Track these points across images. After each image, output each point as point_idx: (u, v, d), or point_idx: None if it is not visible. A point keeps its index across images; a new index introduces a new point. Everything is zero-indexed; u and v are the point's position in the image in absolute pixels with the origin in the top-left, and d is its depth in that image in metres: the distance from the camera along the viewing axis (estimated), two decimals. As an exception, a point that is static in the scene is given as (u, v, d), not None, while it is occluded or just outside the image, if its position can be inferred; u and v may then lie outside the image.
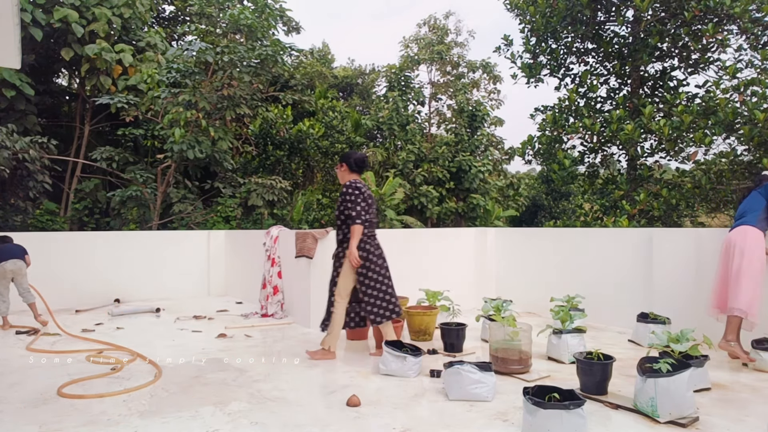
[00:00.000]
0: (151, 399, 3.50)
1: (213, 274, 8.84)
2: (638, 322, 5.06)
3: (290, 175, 16.55)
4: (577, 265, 6.42)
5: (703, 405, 3.30)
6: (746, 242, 4.28)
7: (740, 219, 4.49)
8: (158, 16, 18.16)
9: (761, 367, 4.12)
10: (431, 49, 21.40)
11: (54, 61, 13.97)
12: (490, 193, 19.60)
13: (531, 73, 11.20)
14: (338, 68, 25.34)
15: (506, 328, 4.06)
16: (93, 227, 13.44)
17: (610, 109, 10.91)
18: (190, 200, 13.72)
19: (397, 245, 6.75)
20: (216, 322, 6.40)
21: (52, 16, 12.20)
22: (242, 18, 12.59)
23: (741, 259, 4.25)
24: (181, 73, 12.44)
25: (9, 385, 3.85)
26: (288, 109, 16.47)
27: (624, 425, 3.02)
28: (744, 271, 4.22)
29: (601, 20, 10.91)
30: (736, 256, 4.29)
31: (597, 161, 11.41)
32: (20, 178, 11.69)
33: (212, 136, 12.74)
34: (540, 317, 6.41)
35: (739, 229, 4.41)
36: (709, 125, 8.65)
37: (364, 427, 3.02)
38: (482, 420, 3.12)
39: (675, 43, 10.14)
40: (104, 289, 7.80)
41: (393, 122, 18.95)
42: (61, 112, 15.50)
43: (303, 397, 3.56)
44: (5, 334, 5.71)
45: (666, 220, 9.77)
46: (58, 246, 7.64)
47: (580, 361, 3.54)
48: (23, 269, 5.99)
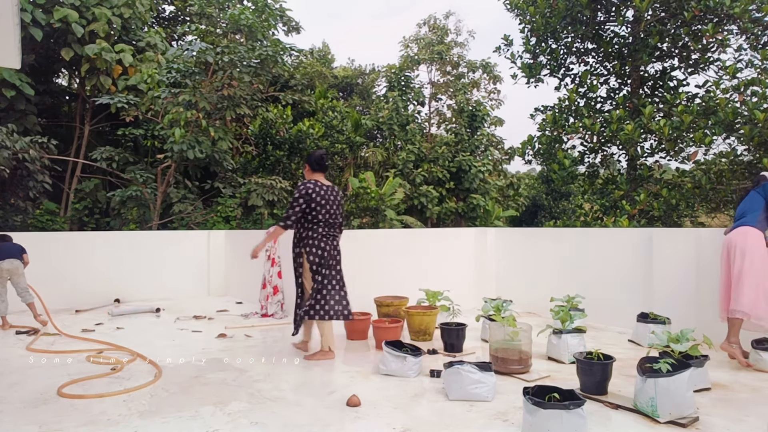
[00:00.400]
0: (151, 399, 3.50)
1: (213, 274, 8.84)
2: (638, 322, 5.06)
3: (290, 175, 16.55)
4: (577, 265, 6.41)
5: (703, 405, 3.30)
6: (747, 243, 4.27)
7: (740, 219, 4.48)
8: (158, 16, 18.17)
9: (761, 367, 4.11)
10: (431, 49, 21.41)
11: (54, 61, 13.98)
12: (490, 193, 19.60)
13: (531, 73, 11.20)
14: (338, 68, 25.35)
15: (506, 328, 4.06)
16: (93, 227, 13.44)
17: (610, 109, 10.91)
18: (190, 200, 13.72)
19: (397, 245, 6.76)
20: (216, 322, 6.40)
21: (52, 16, 12.20)
22: (242, 18, 12.59)
23: (742, 261, 4.24)
24: (181, 73, 12.44)
25: (9, 385, 3.85)
26: (288, 109, 16.48)
27: (624, 425, 3.02)
28: (746, 273, 4.20)
29: (600, 20, 10.91)
30: (737, 258, 4.27)
31: (597, 161, 11.41)
32: (20, 178, 11.69)
33: (212, 136, 12.74)
34: (540, 317, 6.41)
35: (739, 229, 4.40)
36: (709, 125, 8.65)
37: (364, 427, 3.02)
38: (482, 420, 3.12)
39: (675, 43, 10.14)
40: (104, 289, 7.80)
41: (393, 122, 18.96)
42: (61, 112, 15.51)
43: (303, 397, 3.56)
44: (5, 334, 5.71)
45: (666, 220, 9.77)
46: (58, 246, 7.65)
47: (580, 361, 3.54)
48: (20, 269, 5.96)
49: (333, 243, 4.59)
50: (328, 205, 4.49)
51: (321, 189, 4.48)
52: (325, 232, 4.51)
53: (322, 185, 4.52)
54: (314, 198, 4.43)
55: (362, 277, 6.25)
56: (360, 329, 5.34)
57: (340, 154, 18.30)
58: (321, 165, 4.60)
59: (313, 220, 4.47)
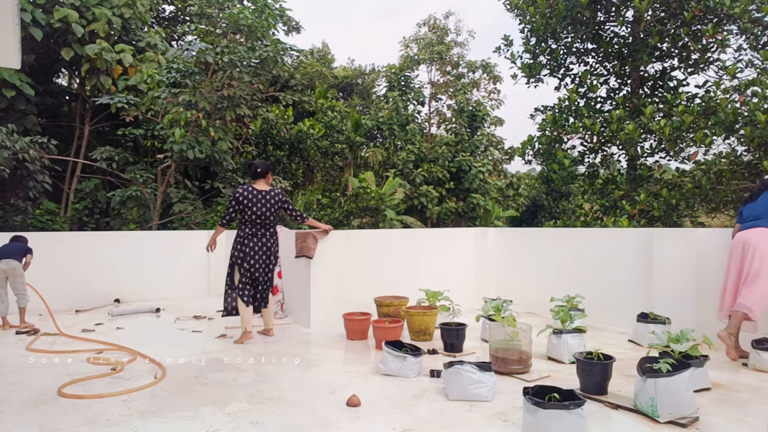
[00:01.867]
0: (151, 399, 3.50)
1: (213, 274, 8.84)
2: (638, 322, 5.06)
3: (290, 176, 16.56)
4: (577, 265, 6.41)
5: (703, 405, 3.30)
6: (766, 245, 4.28)
7: (756, 220, 4.46)
8: (158, 16, 18.16)
9: (761, 367, 4.12)
10: (431, 49, 21.41)
11: (54, 61, 13.97)
12: (490, 193, 19.60)
13: (531, 73, 11.21)
14: (338, 68, 25.34)
15: (506, 328, 4.06)
16: (93, 227, 13.43)
17: (610, 109, 10.91)
18: (190, 200, 13.71)
19: (397, 245, 6.76)
20: (216, 322, 6.40)
21: (52, 16, 12.20)
22: (242, 18, 12.58)
23: (761, 262, 4.25)
24: (181, 73, 12.44)
25: (9, 385, 3.85)
26: (290, 110, 16.48)
27: (624, 425, 3.02)
28: (765, 274, 4.22)
29: (600, 20, 10.91)
30: (755, 258, 4.28)
31: (597, 161, 11.42)
32: (20, 178, 11.68)
33: (212, 137, 12.74)
34: (540, 317, 6.41)
35: (757, 230, 4.39)
36: (709, 125, 8.65)
37: (364, 427, 3.02)
38: (482, 420, 3.12)
39: (675, 43, 10.15)
40: (104, 289, 7.80)
41: (393, 122, 18.96)
42: (61, 112, 15.50)
43: (303, 397, 3.56)
44: (5, 334, 5.71)
45: (666, 220, 9.77)
46: (58, 246, 7.64)
47: (580, 361, 3.54)
48: (17, 269, 5.90)
49: (255, 240, 5.21)
50: (255, 207, 5.13)
51: (250, 194, 5.14)
52: (249, 231, 5.18)
53: (253, 189, 5.17)
54: (241, 201, 5.11)
55: (362, 277, 6.27)
56: (360, 329, 5.34)
57: (340, 154, 18.30)
58: (254, 173, 5.27)
59: (242, 220, 5.19)
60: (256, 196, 5.16)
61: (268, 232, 5.28)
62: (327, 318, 5.90)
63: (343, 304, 5.87)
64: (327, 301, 5.98)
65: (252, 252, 5.19)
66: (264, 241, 5.25)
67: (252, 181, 5.30)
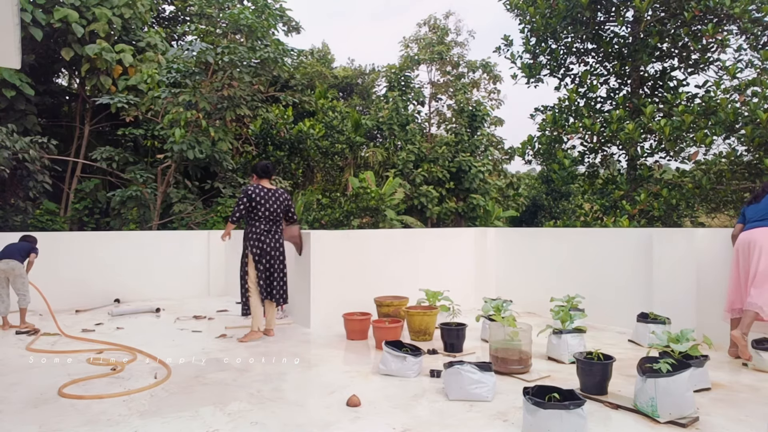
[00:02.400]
0: (151, 399, 3.50)
1: (213, 274, 8.84)
2: (638, 322, 5.06)
3: (290, 176, 16.56)
4: (577, 265, 6.41)
5: (703, 405, 3.30)
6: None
7: (761, 220, 4.44)
8: (158, 16, 18.16)
9: (761, 367, 4.12)
10: (431, 49, 21.40)
11: (54, 61, 13.97)
12: (490, 193, 19.60)
13: (531, 73, 11.21)
14: (338, 68, 25.34)
15: (506, 328, 4.06)
16: (93, 227, 13.43)
17: (610, 109, 10.91)
18: (190, 200, 13.71)
19: (397, 245, 6.76)
20: (216, 322, 6.40)
21: (52, 16, 12.20)
22: (242, 18, 12.58)
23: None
24: (181, 73, 12.44)
25: (9, 385, 3.85)
26: (290, 110, 16.48)
27: (624, 425, 3.02)
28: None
29: (600, 20, 10.91)
30: (762, 257, 4.28)
31: (597, 161, 11.42)
32: (20, 178, 11.69)
33: (212, 137, 12.74)
34: (540, 317, 6.41)
35: (763, 229, 4.38)
36: (709, 125, 8.65)
37: (364, 427, 3.02)
38: (482, 420, 3.12)
39: (675, 43, 10.15)
40: (104, 289, 7.80)
41: (393, 122, 18.96)
42: (61, 112, 15.50)
43: (303, 397, 3.56)
44: (5, 334, 5.71)
45: (666, 220, 9.77)
46: (58, 246, 7.64)
47: (580, 361, 3.54)
48: (17, 270, 5.87)
49: (270, 236, 5.33)
50: (267, 204, 5.27)
51: (261, 191, 5.27)
52: (264, 228, 5.29)
53: (263, 188, 5.30)
54: (254, 198, 5.22)
55: (362, 277, 6.26)
56: (360, 329, 5.34)
57: (340, 154, 18.30)
58: (264, 172, 5.41)
59: (255, 217, 5.26)
60: (267, 194, 5.32)
61: (279, 228, 5.46)
62: (327, 318, 5.90)
63: (343, 304, 5.87)
64: (327, 301, 5.98)
65: (268, 248, 5.31)
66: (277, 237, 5.41)
67: (258, 180, 5.41)
